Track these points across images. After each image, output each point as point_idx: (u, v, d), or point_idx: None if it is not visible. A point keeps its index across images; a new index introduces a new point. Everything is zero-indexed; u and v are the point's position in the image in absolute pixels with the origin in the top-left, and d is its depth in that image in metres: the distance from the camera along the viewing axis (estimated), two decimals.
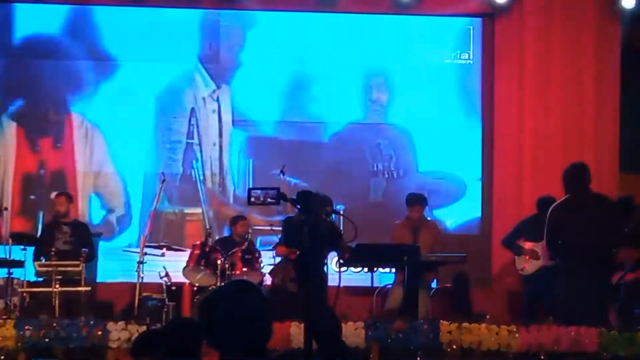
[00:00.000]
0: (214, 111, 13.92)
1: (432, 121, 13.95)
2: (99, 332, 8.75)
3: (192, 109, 13.91)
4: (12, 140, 13.65)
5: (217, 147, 13.87)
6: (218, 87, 13.94)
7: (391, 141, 14.06)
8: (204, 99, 13.92)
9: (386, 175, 14.00)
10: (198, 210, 13.73)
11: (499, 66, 13.88)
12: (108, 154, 13.75)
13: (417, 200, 11.75)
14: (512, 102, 13.77)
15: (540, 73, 13.67)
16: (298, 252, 3.77)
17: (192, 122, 13.88)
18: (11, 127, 13.65)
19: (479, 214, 13.91)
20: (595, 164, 13.05)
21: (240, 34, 14.02)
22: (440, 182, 13.81)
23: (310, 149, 13.91)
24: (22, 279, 11.07)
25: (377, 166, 14.01)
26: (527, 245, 11.45)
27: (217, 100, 13.93)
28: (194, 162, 13.84)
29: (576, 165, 10.03)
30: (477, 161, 13.98)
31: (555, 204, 10.07)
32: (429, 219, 12.09)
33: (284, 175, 11.72)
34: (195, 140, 13.87)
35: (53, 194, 12.18)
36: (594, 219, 9.64)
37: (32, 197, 13.58)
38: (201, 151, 13.86)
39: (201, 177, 13.79)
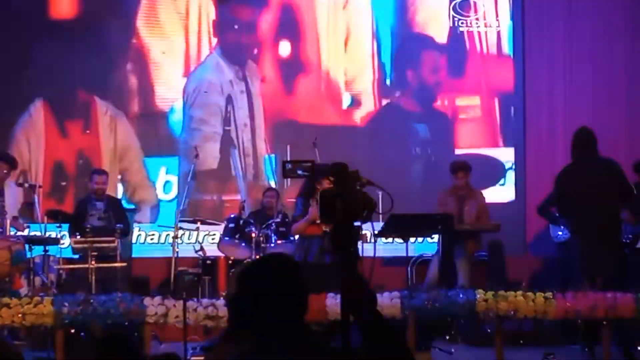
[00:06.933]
0: (242, 92, 13.65)
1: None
2: (136, 308, 8.78)
3: (229, 96, 13.61)
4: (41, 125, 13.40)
5: (248, 129, 13.63)
6: (240, 65, 13.74)
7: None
8: (230, 81, 13.66)
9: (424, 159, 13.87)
10: (237, 197, 13.31)
11: (529, 34, 13.82)
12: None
13: (460, 167, 11.69)
14: (542, 69, 13.72)
15: (571, 38, 13.61)
16: (332, 226, 3.76)
17: (228, 109, 13.59)
18: (39, 111, 13.40)
19: (513, 197, 13.76)
20: (629, 132, 13.03)
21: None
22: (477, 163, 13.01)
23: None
24: (58, 256, 11.13)
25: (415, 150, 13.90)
26: None
27: (244, 79, 13.71)
28: (231, 148, 13.56)
29: (581, 130, 9.93)
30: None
31: (562, 169, 10.04)
32: (474, 188, 11.92)
33: (316, 147, 11.66)
34: (232, 127, 13.60)
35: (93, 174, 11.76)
36: (599, 180, 9.58)
37: (63, 183, 13.41)
38: (237, 137, 13.59)
39: (237, 164, 13.53)
